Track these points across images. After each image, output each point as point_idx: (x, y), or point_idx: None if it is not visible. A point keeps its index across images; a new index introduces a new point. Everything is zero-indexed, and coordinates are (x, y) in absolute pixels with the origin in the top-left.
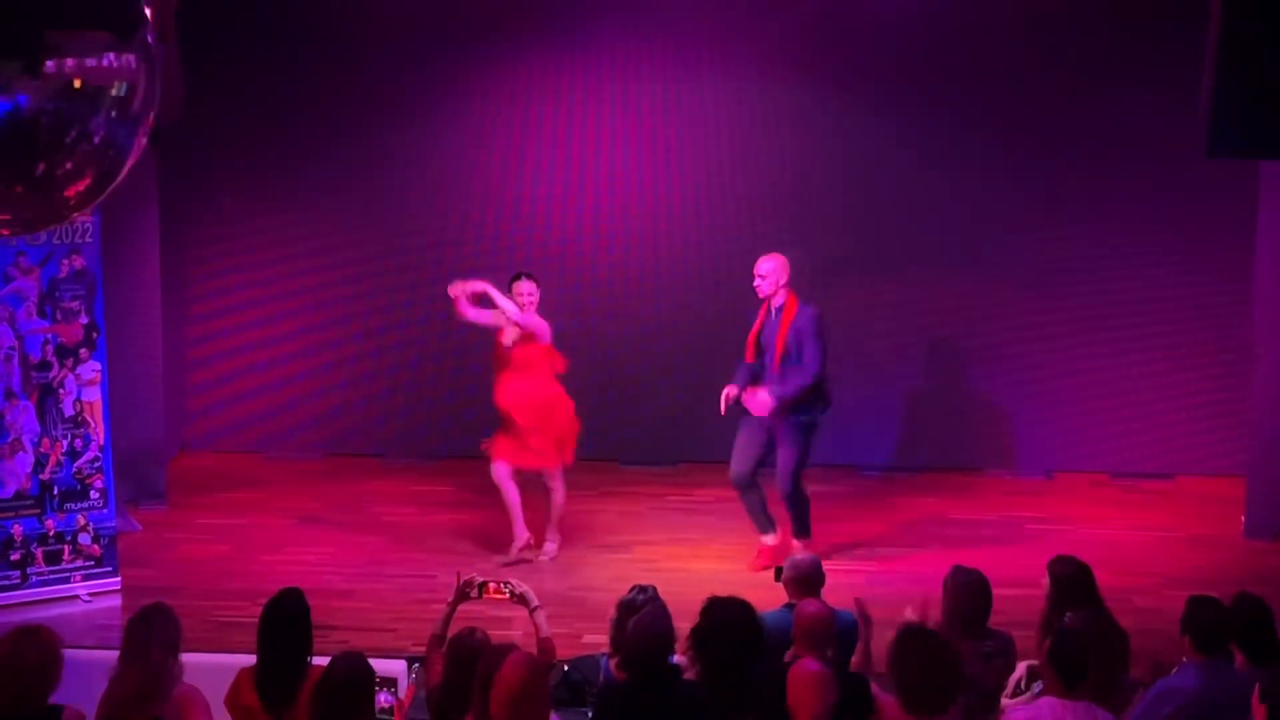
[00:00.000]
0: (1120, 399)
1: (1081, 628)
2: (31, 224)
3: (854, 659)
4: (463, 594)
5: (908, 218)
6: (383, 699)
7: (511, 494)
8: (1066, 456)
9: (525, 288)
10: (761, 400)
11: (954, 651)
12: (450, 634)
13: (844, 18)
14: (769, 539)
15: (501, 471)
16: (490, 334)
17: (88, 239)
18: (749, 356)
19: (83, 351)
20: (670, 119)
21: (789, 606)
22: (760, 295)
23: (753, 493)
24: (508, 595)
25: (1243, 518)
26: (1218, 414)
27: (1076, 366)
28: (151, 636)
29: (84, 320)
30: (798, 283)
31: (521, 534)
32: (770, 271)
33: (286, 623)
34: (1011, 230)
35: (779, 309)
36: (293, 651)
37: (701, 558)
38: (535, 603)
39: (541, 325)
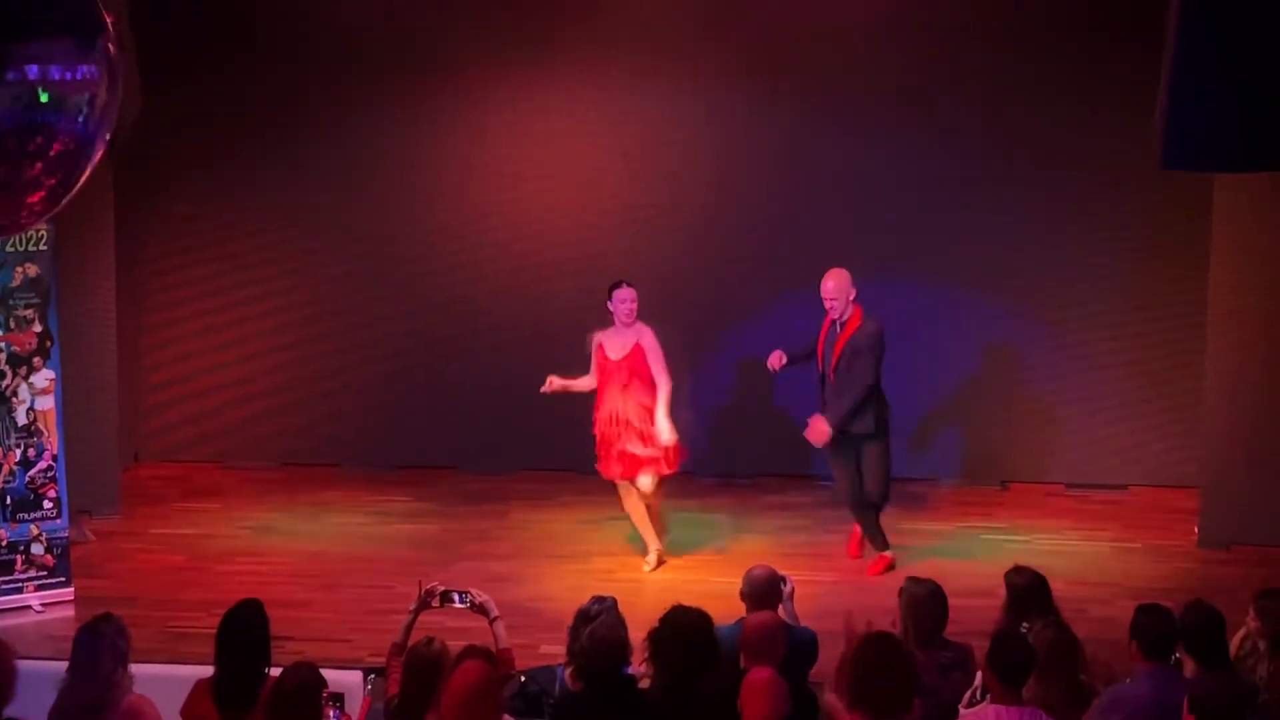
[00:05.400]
0: (1075, 410)
1: (1023, 631)
2: None
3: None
4: (424, 603)
5: (857, 226)
6: (331, 715)
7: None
8: (1021, 467)
9: (627, 294)
10: (819, 430)
11: (909, 657)
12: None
13: (813, 28)
14: (889, 553)
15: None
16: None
17: (42, 246)
18: (819, 363)
19: (36, 360)
20: (648, 129)
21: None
22: (833, 318)
23: (867, 512)
24: (468, 605)
25: (1196, 528)
26: (1171, 425)
27: (1031, 378)
28: (100, 647)
29: (38, 329)
30: (755, 288)
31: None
32: (835, 292)
33: (244, 633)
34: (964, 241)
35: (843, 322)
36: (250, 662)
37: (660, 568)
38: (495, 613)
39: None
